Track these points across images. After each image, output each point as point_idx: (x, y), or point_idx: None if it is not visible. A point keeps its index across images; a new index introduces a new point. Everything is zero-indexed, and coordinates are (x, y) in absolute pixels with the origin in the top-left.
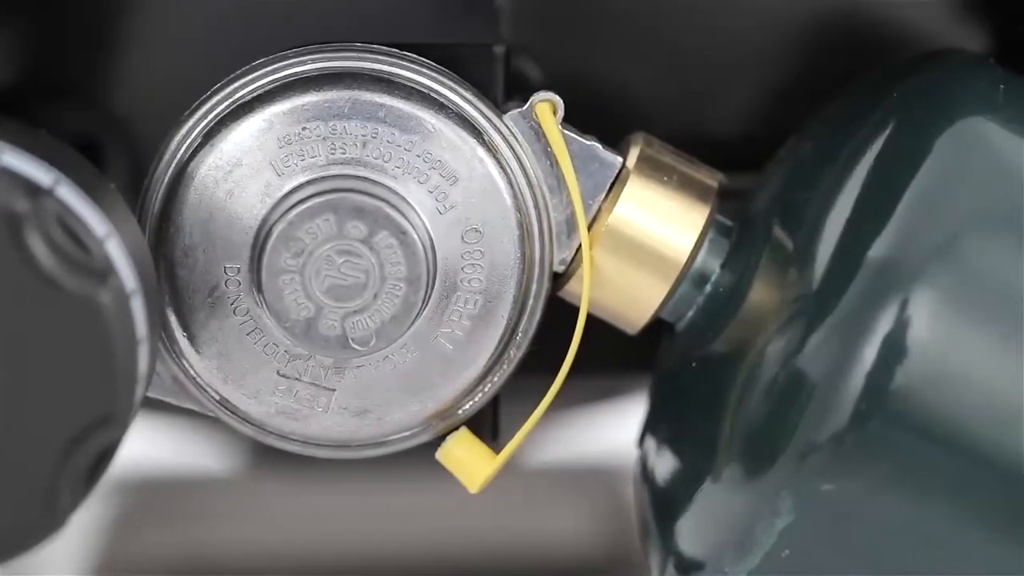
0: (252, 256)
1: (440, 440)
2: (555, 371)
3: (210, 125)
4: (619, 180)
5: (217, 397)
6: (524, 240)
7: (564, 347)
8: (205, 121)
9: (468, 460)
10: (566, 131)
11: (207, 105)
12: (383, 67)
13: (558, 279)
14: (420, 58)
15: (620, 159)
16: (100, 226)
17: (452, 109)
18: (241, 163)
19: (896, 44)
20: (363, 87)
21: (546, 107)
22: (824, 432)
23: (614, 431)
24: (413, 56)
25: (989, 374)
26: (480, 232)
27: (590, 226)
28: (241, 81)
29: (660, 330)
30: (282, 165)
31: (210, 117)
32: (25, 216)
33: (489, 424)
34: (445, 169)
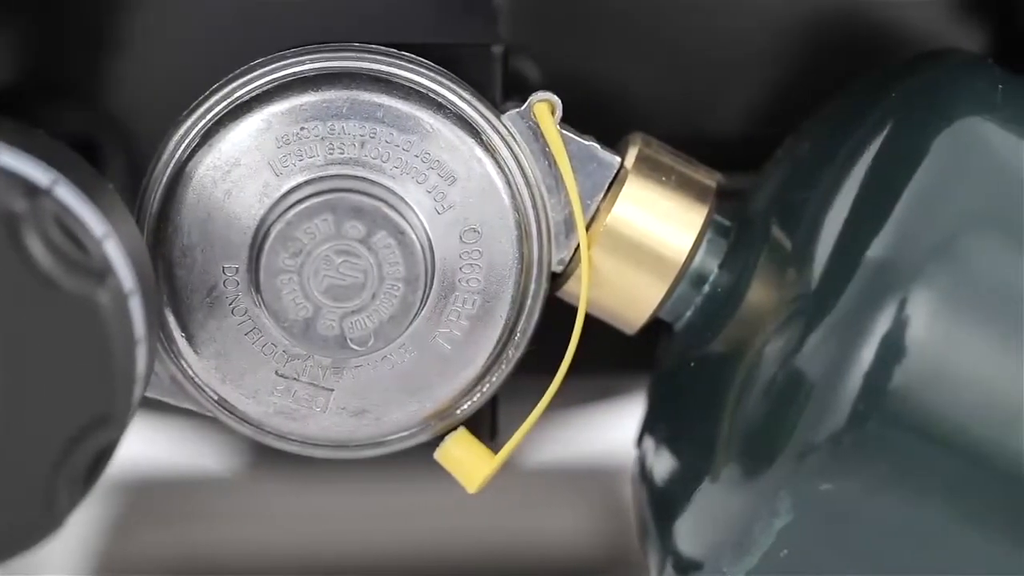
0: (250, 256)
1: (438, 440)
2: (553, 371)
3: (208, 125)
4: (617, 180)
5: (215, 397)
6: (522, 240)
7: (562, 347)
8: (203, 121)
9: (466, 460)
10: (564, 131)
11: (205, 105)
12: (381, 67)
13: (556, 279)
14: (418, 58)
15: (618, 159)
16: (98, 226)
17: (450, 109)
18: (239, 163)
19: (895, 44)
20: (361, 87)
21: (544, 107)
22: (822, 432)
23: (612, 431)
24: (411, 56)
25: (987, 374)
26: (478, 232)
27: (588, 226)
28: (239, 81)
29: (658, 330)
30: (280, 165)
31: (208, 117)
32: (23, 216)
33: (487, 424)
34: (443, 169)
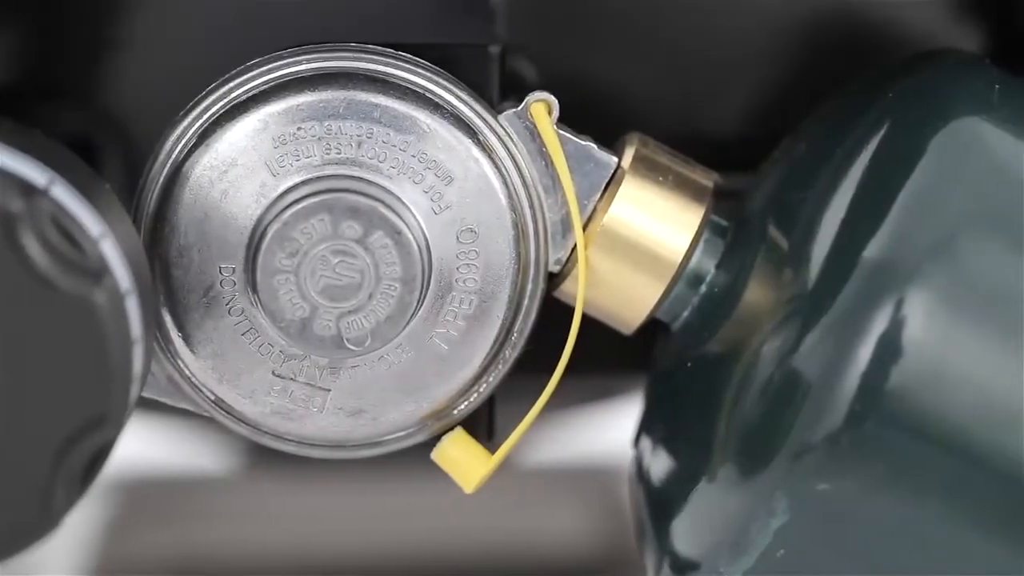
0: (247, 256)
1: (435, 440)
2: (550, 371)
3: (205, 125)
4: (614, 180)
5: (212, 397)
6: (519, 240)
7: (559, 347)
8: (200, 121)
9: (463, 460)
10: (561, 131)
11: (202, 105)
12: (378, 67)
13: (553, 279)
14: (415, 58)
15: (615, 159)
16: (95, 226)
17: (447, 109)
18: (236, 163)
19: (892, 44)
20: (358, 87)
21: (541, 107)
22: (819, 432)
23: (609, 431)
24: (408, 56)
25: (984, 374)
26: (475, 232)
27: (585, 226)
28: (236, 81)
29: (655, 330)
30: (277, 165)
31: (205, 117)
32: (20, 216)
33: (484, 424)
34: (440, 169)
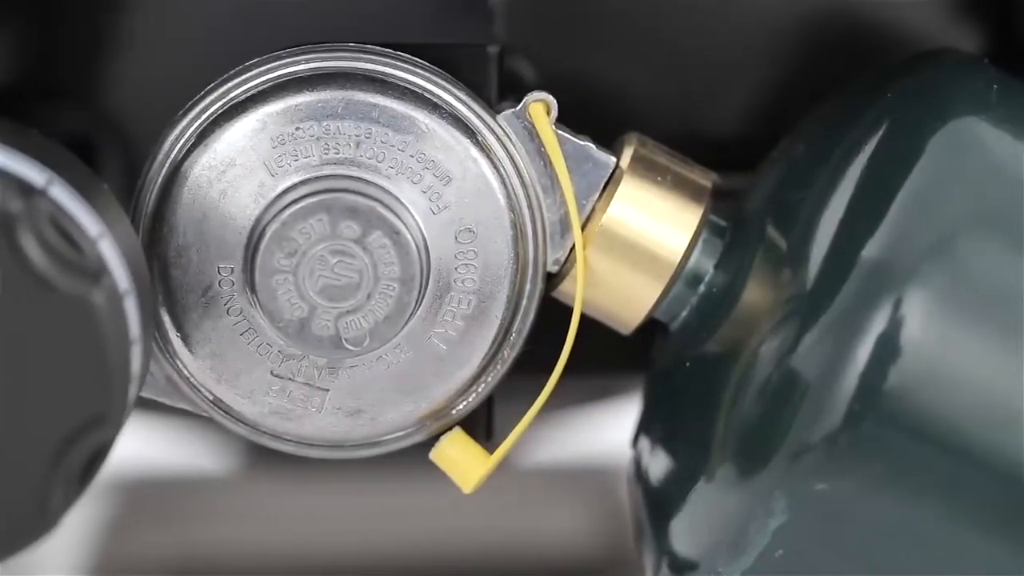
0: (246, 256)
1: (434, 440)
2: (549, 371)
3: (204, 125)
4: (613, 180)
5: (211, 397)
6: (518, 240)
7: (558, 347)
8: (199, 121)
9: (462, 460)
10: (560, 131)
11: (201, 105)
12: (377, 67)
13: (552, 279)
14: (414, 58)
15: (614, 159)
16: (93, 226)
17: (446, 109)
18: (235, 163)
19: (892, 44)
20: (357, 87)
21: (540, 107)
22: (818, 432)
23: (608, 431)
24: (407, 56)
25: (982, 374)
26: (474, 232)
27: (584, 226)
28: (235, 81)
29: (654, 330)
30: (275, 165)
31: (204, 117)
32: (18, 216)
33: (483, 424)
34: (439, 169)
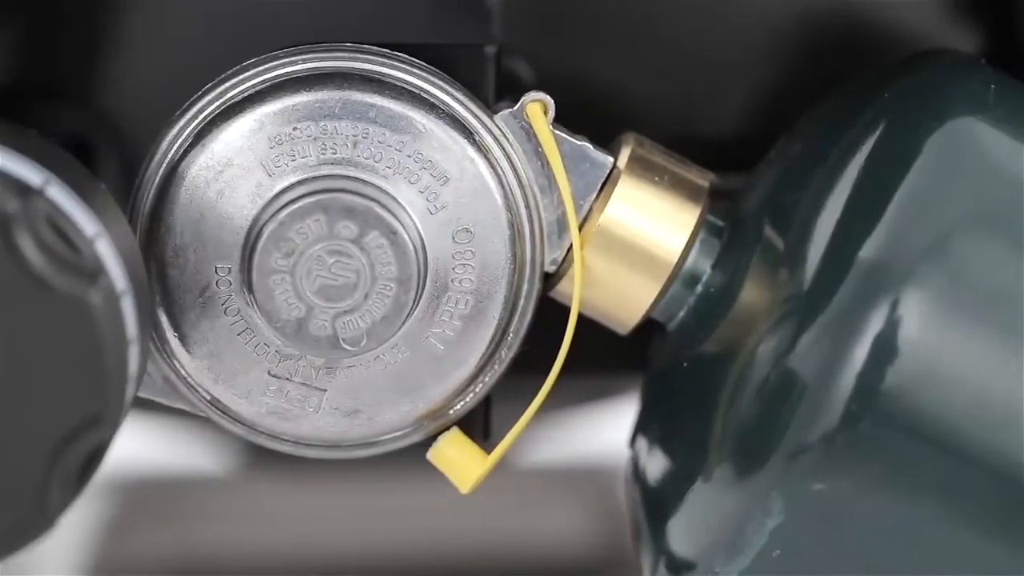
0: (243, 256)
1: (431, 440)
2: (546, 371)
3: (201, 125)
4: (610, 180)
5: (208, 397)
6: (515, 240)
7: (555, 347)
8: (196, 121)
9: (459, 460)
10: (557, 131)
11: (198, 105)
12: (374, 67)
13: (549, 279)
14: (411, 58)
15: (611, 159)
16: (90, 226)
17: (443, 109)
18: (232, 163)
19: (889, 45)
20: (354, 87)
21: (537, 107)
22: (815, 432)
23: (606, 431)
24: (404, 56)
25: (980, 374)
26: (471, 232)
27: (581, 226)
28: (232, 81)
29: (651, 330)
30: (273, 165)
31: (201, 117)
32: (15, 216)
33: (480, 424)
34: (436, 169)
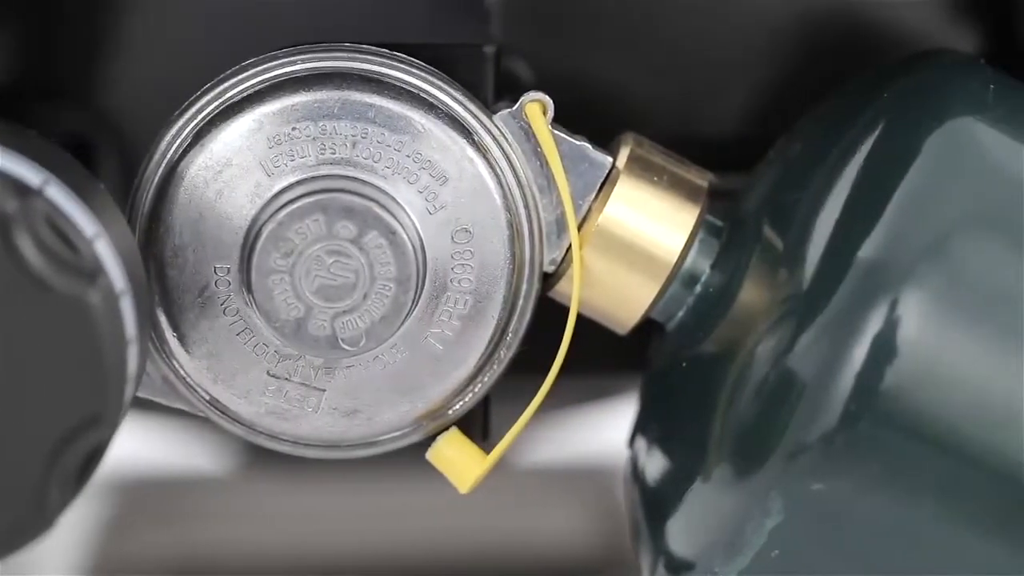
0: (242, 256)
1: (430, 440)
2: (545, 371)
3: (200, 125)
4: (609, 180)
5: (207, 397)
6: (514, 240)
7: (554, 347)
8: (195, 121)
9: (458, 460)
10: (556, 131)
11: (197, 105)
12: (373, 67)
13: (548, 279)
14: (410, 58)
15: (610, 159)
16: (89, 226)
17: (442, 109)
18: (231, 163)
19: (889, 44)
20: (353, 87)
21: (536, 107)
22: (814, 432)
23: (605, 431)
24: (403, 56)
25: (979, 374)
26: (470, 232)
27: (580, 226)
28: (231, 81)
29: (650, 330)
30: (272, 165)
31: (200, 117)
32: (14, 216)
33: (479, 424)
34: (435, 169)
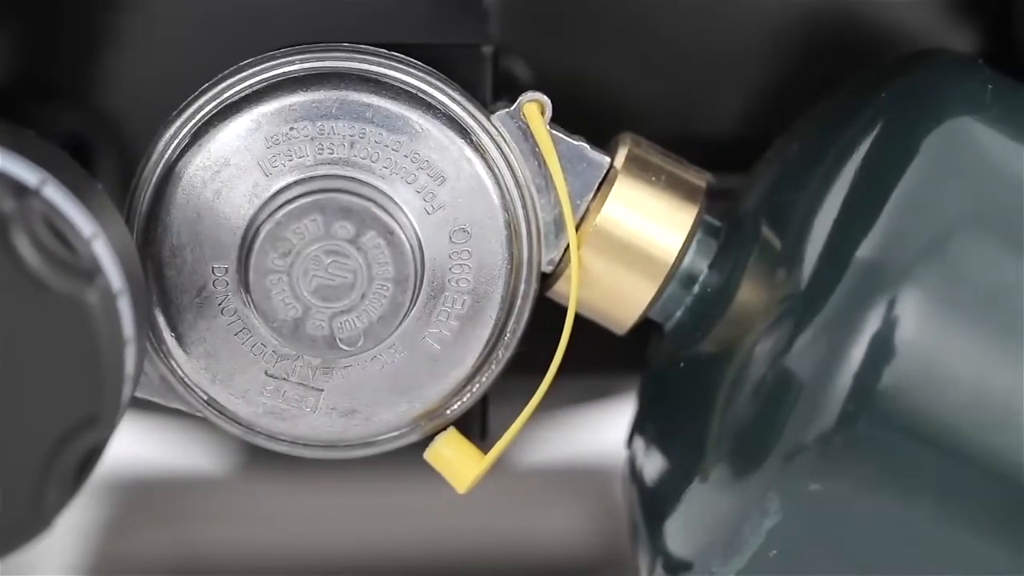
0: (240, 256)
1: (429, 440)
2: (544, 371)
3: (198, 125)
4: (607, 180)
5: (205, 397)
6: (512, 240)
7: (552, 347)
8: (193, 121)
9: (456, 460)
10: (554, 131)
11: (195, 105)
12: (371, 67)
13: (546, 279)
14: (408, 58)
15: (608, 159)
16: (87, 226)
17: (440, 109)
18: (229, 163)
19: (886, 44)
20: (351, 87)
21: (534, 107)
22: (811, 432)
23: (603, 431)
24: (401, 56)
25: (976, 374)
26: (468, 232)
27: (578, 226)
28: (229, 81)
29: (648, 330)
30: (270, 165)
31: (198, 117)
32: (11, 216)
33: (478, 424)
34: (433, 169)
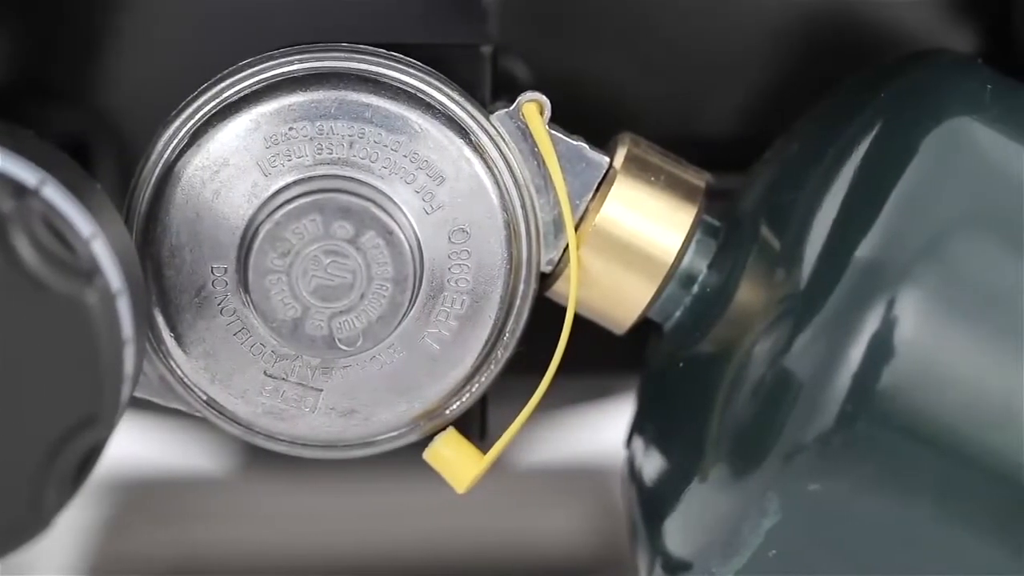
0: (239, 256)
1: (428, 440)
2: (543, 371)
3: (197, 125)
4: (606, 180)
5: (204, 397)
6: (511, 240)
7: (552, 347)
8: (192, 121)
9: (455, 460)
10: (553, 131)
11: (194, 105)
12: (370, 67)
13: (545, 279)
14: (407, 58)
15: (607, 159)
16: (86, 226)
17: (439, 109)
18: (228, 163)
19: (886, 44)
20: (350, 87)
21: (533, 107)
22: (811, 432)
23: (602, 431)
24: (400, 56)
25: (975, 374)
26: (467, 232)
27: (577, 226)
28: (228, 81)
29: (647, 330)
30: (269, 165)
31: (197, 117)
32: (10, 216)
33: (477, 424)
34: (432, 169)
